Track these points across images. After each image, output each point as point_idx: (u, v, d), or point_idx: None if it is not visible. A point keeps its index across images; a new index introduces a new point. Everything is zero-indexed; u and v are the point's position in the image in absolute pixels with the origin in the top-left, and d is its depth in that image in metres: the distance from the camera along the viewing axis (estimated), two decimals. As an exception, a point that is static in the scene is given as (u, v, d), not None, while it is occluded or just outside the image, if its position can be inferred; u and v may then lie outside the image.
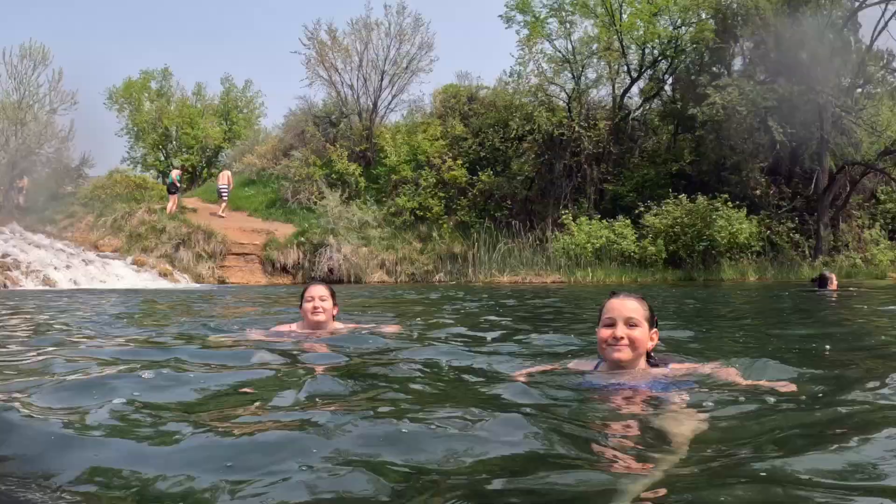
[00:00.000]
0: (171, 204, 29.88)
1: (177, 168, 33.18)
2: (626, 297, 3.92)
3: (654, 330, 3.93)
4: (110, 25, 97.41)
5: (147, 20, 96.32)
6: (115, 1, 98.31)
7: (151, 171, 45.30)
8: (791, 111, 27.39)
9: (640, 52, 32.03)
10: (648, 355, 3.94)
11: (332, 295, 6.46)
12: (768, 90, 27.36)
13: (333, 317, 6.51)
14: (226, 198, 31.79)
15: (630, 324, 3.80)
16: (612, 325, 3.81)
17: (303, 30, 34.86)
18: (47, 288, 21.44)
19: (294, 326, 6.61)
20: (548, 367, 4.54)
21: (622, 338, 3.78)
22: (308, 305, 6.29)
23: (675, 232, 26.41)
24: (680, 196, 26.74)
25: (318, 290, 6.41)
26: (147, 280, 24.42)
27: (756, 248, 26.88)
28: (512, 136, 31.10)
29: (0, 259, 23.25)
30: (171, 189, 30.41)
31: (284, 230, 29.50)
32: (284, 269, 28.02)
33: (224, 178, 32.10)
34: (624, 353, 3.79)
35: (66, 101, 33.98)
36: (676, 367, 4.04)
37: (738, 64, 32.00)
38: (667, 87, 33.34)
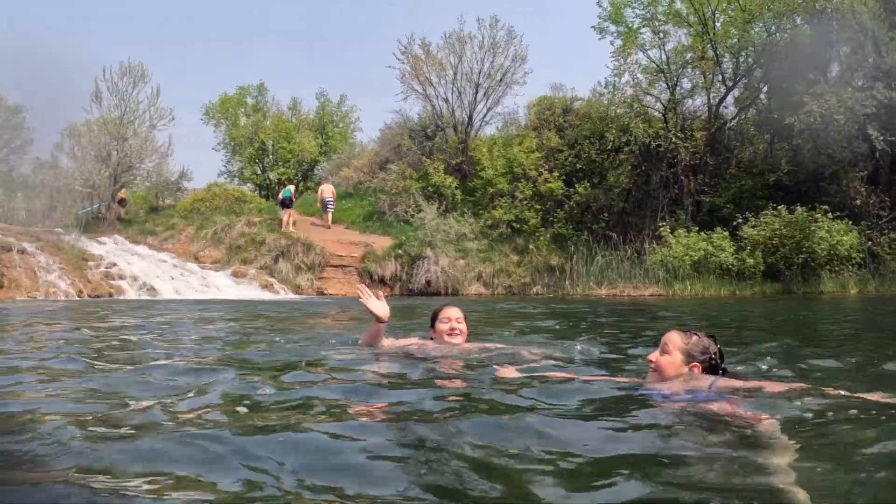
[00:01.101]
0: (287, 218, 30.81)
1: (292, 184, 34.00)
2: (673, 332, 4.49)
3: (695, 364, 4.33)
4: (207, 44, 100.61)
5: (243, 38, 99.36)
6: (210, 21, 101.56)
7: (248, 185, 46.70)
8: (891, 118, 27.01)
9: (735, 60, 31.95)
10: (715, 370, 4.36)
11: (465, 318, 6.40)
12: (867, 96, 26.87)
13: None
14: (332, 209, 32.77)
15: (663, 350, 4.43)
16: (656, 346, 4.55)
17: (397, 44, 35.44)
18: (151, 298, 22.19)
19: (417, 340, 6.56)
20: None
21: (652, 361, 4.48)
22: (444, 326, 6.23)
23: (774, 244, 26.22)
24: (779, 207, 26.52)
25: (456, 312, 6.33)
26: (248, 291, 25.09)
27: (857, 259, 26.39)
28: (609, 147, 31.25)
29: (105, 269, 24.23)
30: (286, 204, 31.31)
31: (382, 242, 30.03)
32: (382, 281, 28.30)
33: (329, 192, 32.98)
34: (651, 375, 4.50)
35: (165, 117, 35.06)
36: (724, 385, 4.22)
37: (834, 70, 31.29)
38: (762, 96, 33.06)
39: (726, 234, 27.04)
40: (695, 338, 4.39)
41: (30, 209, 39.60)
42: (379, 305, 6.23)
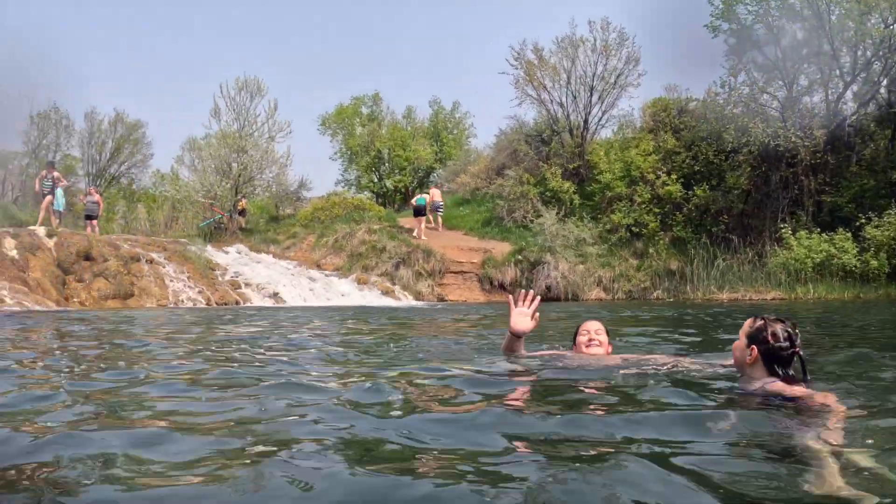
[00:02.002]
0: (421, 226, 31.69)
1: (426, 193, 34.62)
2: (750, 318, 4.64)
3: (752, 346, 4.39)
4: (322, 56, 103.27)
5: (357, 49, 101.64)
6: (323, 34, 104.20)
7: (365, 193, 48.02)
8: None
9: (852, 54, 31.26)
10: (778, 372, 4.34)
11: (607, 332, 6.29)
12: None
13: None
14: (441, 213, 33.74)
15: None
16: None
17: (509, 50, 36.08)
18: (277, 305, 22.93)
19: (556, 351, 6.50)
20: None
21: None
22: (583, 339, 6.16)
23: (899, 245, 25.55)
24: (903, 206, 25.83)
25: (594, 325, 6.27)
26: (370, 298, 25.65)
27: None
28: (726, 148, 31.01)
29: (232, 278, 25.08)
30: (420, 212, 32.02)
31: (501, 248, 30.51)
32: (502, 287, 28.74)
33: (438, 195, 33.92)
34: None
35: (283, 129, 36.74)
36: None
37: (958, 60, 30.42)
38: (882, 90, 32.01)
39: (849, 235, 26.45)
40: (759, 322, 4.48)
41: (152, 220, 41.71)
42: (518, 319, 6.09)
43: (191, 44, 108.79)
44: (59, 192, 30.47)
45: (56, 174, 27.17)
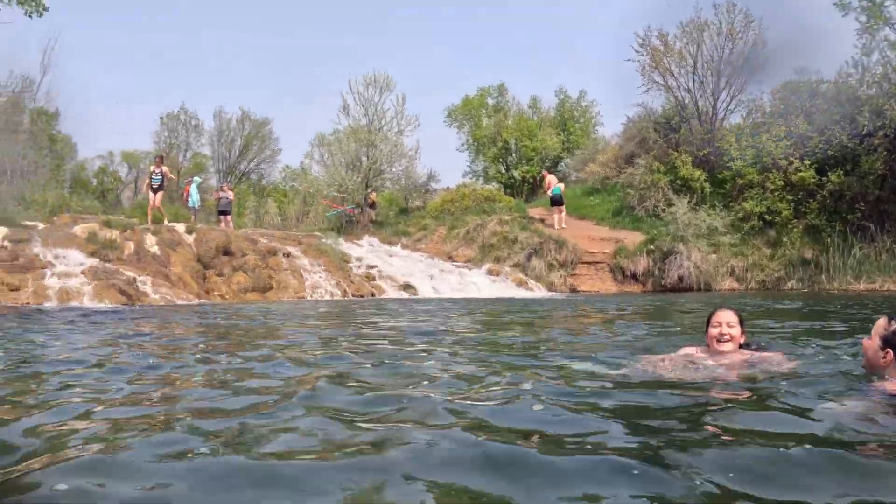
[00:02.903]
0: (561, 215, 32.19)
1: (562, 182, 34.70)
2: (883, 317, 4.62)
3: (888, 349, 4.39)
4: (447, 48, 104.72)
5: (481, 39, 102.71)
6: (450, 25, 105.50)
7: (493, 184, 48.90)
8: None
9: None
10: None
11: (741, 321, 5.97)
12: None
13: (740, 345, 5.91)
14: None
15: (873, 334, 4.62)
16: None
17: (634, 37, 36.08)
18: (411, 297, 23.27)
19: (697, 350, 6.13)
20: None
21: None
22: (714, 331, 5.86)
23: None
24: None
25: (727, 315, 5.93)
26: (503, 289, 25.78)
27: None
28: (861, 131, 30.18)
29: (366, 270, 25.61)
30: (558, 201, 32.45)
31: (633, 238, 30.50)
32: (634, 277, 28.95)
33: (555, 182, 33.92)
34: (864, 359, 4.77)
35: (411, 123, 37.79)
36: None
37: None
38: None
39: None
40: (894, 325, 4.42)
41: (283, 215, 43.37)
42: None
43: (309, 40, 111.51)
44: (194, 188, 31.99)
45: (165, 168, 27.22)
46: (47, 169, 35.39)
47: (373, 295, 23.31)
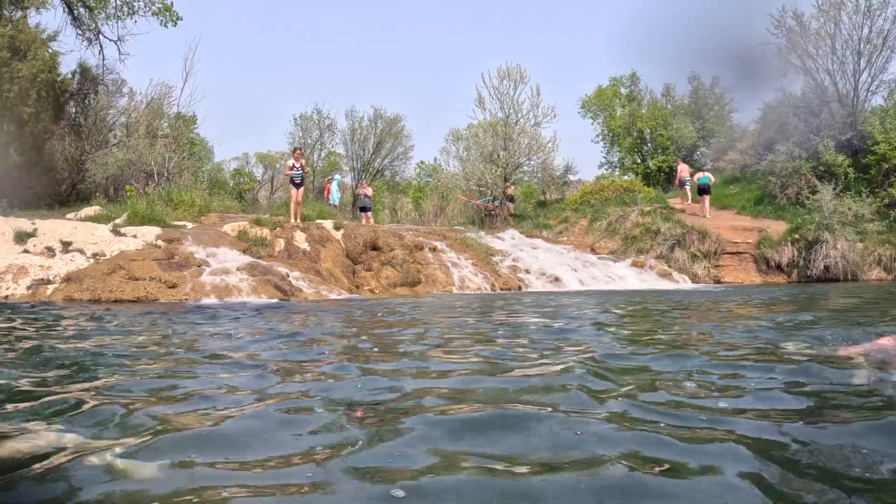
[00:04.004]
0: (706, 204, 32.21)
1: (705, 171, 34.40)
2: None
3: None
4: (581, 38, 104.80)
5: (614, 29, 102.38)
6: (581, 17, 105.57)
7: (629, 174, 48.88)
8: None
9: None
10: None
11: None
12: None
13: None
14: (689, 187, 34.10)
15: None
16: None
17: (769, 19, 35.31)
18: (557, 289, 23.06)
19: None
20: None
21: None
22: None
23: None
24: None
25: None
26: (648, 281, 25.76)
27: None
28: None
29: (511, 263, 25.54)
30: (705, 190, 32.49)
31: (776, 227, 30.02)
32: (779, 268, 28.55)
33: (686, 171, 34.27)
34: None
35: (547, 114, 37.75)
36: None
37: None
38: None
39: None
40: None
41: (420, 210, 44.16)
42: None
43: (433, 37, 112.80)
44: (335, 186, 32.99)
45: (303, 161, 26.78)
46: (190, 171, 36.94)
47: (519, 288, 23.34)
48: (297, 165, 25.87)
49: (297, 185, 25.86)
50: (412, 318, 10.96)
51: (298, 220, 25.03)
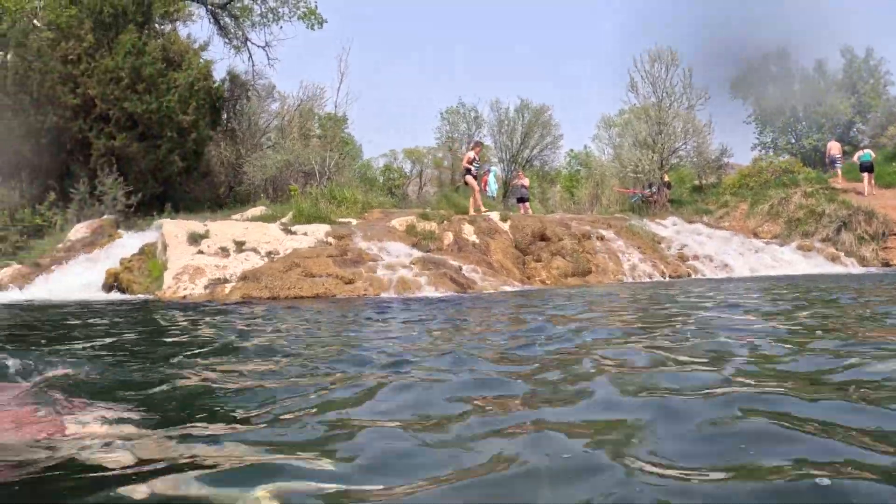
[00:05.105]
0: (871, 182, 31.38)
1: (866, 149, 33.34)
2: None
3: None
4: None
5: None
6: None
7: (784, 155, 47.70)
8: None
9: None
10: None
11: None
12: None
13: None
14: (840, 167, 33.32)
15: None
16: None
17: None
18: (728, 276, 22.60)
19: None
20: None
21: None
22: None
23: None
24: None
25: None
26: (816, 265, 24.75)
27: None
28: None
29: (677, 249, 25.14)
30: (867, 168, 31.47)
31: None
32: None
33: (837, 149, 33.39)
34: None
35: (701, 96, 36.86)
36: None
37: None
38: None
39: None
40: None
41: (575, 199, 44.36)
42: None
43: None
44: (492, 178, 33.22)
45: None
46: (350, 169, 37.92)
47: (689, 275, 22.94)
48: (477, 158, 26.10)
49: (475, 177, 25.98)
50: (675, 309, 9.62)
51: (482, 209, 25.14)
